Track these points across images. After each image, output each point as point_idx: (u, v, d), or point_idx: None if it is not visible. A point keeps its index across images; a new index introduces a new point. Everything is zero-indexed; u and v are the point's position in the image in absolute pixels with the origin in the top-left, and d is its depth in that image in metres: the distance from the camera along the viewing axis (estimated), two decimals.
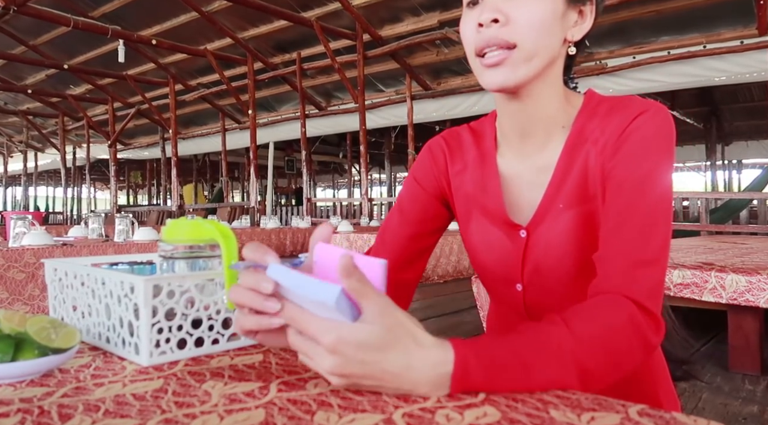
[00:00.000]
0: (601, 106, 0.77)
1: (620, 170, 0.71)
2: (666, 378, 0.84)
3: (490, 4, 0.71)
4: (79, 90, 13.44)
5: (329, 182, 25.01)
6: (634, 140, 0.71)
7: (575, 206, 0.76)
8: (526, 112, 0.77)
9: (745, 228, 7.09)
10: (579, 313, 0.60)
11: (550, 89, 0.77)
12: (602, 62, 7.82)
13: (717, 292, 2.54)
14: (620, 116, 0.73)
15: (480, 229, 0.84)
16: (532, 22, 0.70)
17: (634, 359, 0.62)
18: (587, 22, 0.76)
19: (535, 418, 0.47)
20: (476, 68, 0.74)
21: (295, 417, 0.48)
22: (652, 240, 0.66)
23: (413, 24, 8.83)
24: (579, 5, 0.75)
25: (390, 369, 0.51)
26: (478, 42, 0.71)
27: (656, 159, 0.70)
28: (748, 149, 14.42)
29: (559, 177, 0.77)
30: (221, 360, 0.67)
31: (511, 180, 0.82)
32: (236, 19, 9.63)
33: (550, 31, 0.71)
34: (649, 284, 0.65)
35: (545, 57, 0.72)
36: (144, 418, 0.48)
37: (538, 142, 0.80)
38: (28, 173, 19.20)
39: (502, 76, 0.71)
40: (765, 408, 2.18)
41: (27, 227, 3.32)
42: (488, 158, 0.84)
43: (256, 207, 10.77)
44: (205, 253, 0.73)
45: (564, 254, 0.77)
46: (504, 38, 0.70)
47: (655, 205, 0.68)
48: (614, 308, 0.62)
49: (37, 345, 0.60)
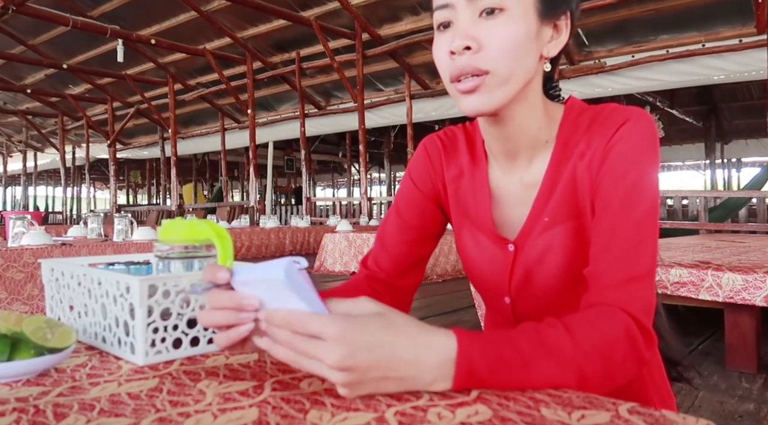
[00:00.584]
0: (582, 117, 0.77)
1: (607, 182, 0.71)
2: (661, 375, 0.85)
3: (461, 30, 0.69)
4: (78, 90, 13.44)
5: (329, 181, 25.01)
6: (618, 152, 0.71)
7: (563, 221, 0.76)
8: (509, 133, 0.77)
9: (744, 227, 7.09)
10: (579, 321, 0.60)
11: (530, 109, 0.76)
12: (601, 61, 7.82)
13: (713, 290, 2.54)
14: (603, 128, 0.73)
15: (471, 239, 0.84)
16: (505, 47, 0.68)
17: (627, 371, 0.62)
18: (563, 36, 0.75)
19: (526, 416, 0.48)
20: (453, 94, 0.72)
21: (288, 415, 0.49)
22: (643, 254, 0.67)
23: (412, 23, 8.83)
24: (553, 20, 0.73)
25: (397, 354, 0.51)
26: (452, 70, 0.70)
27: (641, 168, 0.70)
28: (747, 148, 14.43)
29: (546, 193, 0.77)
30: (216, 359, 0.68)
31: (500, 195, 0.82)
32: (235, 19, 9.63)
33: (524, 52, 0.70)
34: (643, 299, 0.65)
35: (521, 79, 0.71)
36: (138, 417, 0.49)
37: (523, 159, 0.80)
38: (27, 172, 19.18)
39: (478, 102, 0.70)
40: (761, 405, 2.18)
41: (26, 227, 3.32)
42: (479, 168, 0.84)
43: (256, 207, 10.77)
44: (200, 253, 0.73)
45: (552, 268, 0.77)
46: (476, 66, 0.68)
47: (644, 216, 0.68)
48: (612, 320, 0.62)
49: (33, 344, 0.60)
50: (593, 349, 0.58)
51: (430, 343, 0.52)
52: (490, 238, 0.82)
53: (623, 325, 0.62)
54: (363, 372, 0.50)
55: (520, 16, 0.69)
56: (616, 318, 0.62)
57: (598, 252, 0.68)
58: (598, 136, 0.73)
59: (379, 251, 0.90)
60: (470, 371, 0.52)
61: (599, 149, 0.72)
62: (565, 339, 0.58)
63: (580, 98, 0.83)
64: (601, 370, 0.59)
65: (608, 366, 0.60)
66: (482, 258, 0.83)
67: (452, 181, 0.87)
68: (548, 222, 0.77)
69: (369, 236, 6.07)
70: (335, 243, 6.28)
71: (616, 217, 0.68)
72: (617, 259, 0.66)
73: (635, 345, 0.62)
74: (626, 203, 0.68)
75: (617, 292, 0.65)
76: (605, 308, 0.64)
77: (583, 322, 0.60)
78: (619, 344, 0.61)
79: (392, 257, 0.88)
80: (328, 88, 11.24)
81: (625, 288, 0.65)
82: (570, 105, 0.80)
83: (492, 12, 0.68)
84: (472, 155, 0.85)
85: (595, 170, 0.73)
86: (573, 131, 0.77)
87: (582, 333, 0.59)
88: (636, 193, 0.69)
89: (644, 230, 0.68)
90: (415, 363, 0.51)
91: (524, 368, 0.54)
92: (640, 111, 0.73)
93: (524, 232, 0.79)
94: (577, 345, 0.58)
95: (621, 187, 0.69)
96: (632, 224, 0.68)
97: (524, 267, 0.79)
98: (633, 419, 0.47)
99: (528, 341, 0.56)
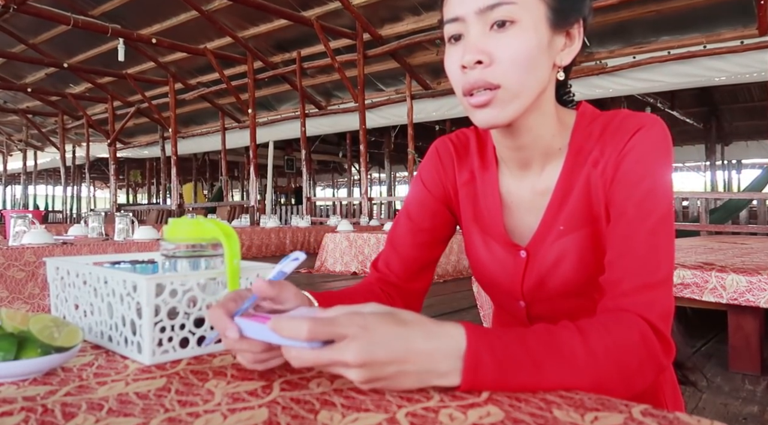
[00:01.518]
0: (594, 124, 0.76)
1: (622, 190, 0.70)
2: (671, 378, 0.84)
3: (473, 44, 0.68)
4: (78, 89, 13.45)
5: (329, 181, 25.03)
6: (632, 159, 0.70)
7: (577, 228, 0.76)
8: (522, 143, 0.76)
9: (745, 228, 7.09)
10: (593, 325, 0.60)
11: (544, 118, 0.75)
12: (602, 62, 7.82)
13: (717, 292, 2.54)
14: (617, 136, 0.72)
15: (482, 243, 0.84)
16: (516, 61, 0.67)
17: (644, 378, 0.61)
18: (576, 44, 0.74)
19: (538, 418, 0.47)
20: (466, 107, 0.72)
21: (298, 416, 0.48)
22: (659, 260, 0.66)
23: (413, 23, 8.84)
24: (566, 28, 0.72)
25: (413, 346, 0.51)
26: (464, 84, 0.69)
27: (655, 175, 0.69)
28: (747, 149, 14.45)
29: (559, 200, 0.77)
30: (224, 358, 0.67)
31: (511, 202, 0.82)
32: (236, 18, 9.63)
33: (535, 65, 0.69)
34: (660, 305, 0.64)
35: (534, 91, 0.70)
36: (147, 417, 0.48)
37: (536, 167, 0.79)
38: (27, 171, 19.20)
39: (491, 116, 0.69)
40: (765, 408, 2.18)
41: (27, 226, 3.32)
42: (489, 173, 0.84)
43: (256, 206, 10.77)
44: (207, 252, 0.73)
45: (566, 274, 0.77)
46: (487, 80, 0.67)
47: (659, 222, 0.67)
48: (628, 326, 0.61)
49: (40, 343, 0.60)
50: (607, 353, 0.58)
51: (442, 334, 0.52)
52: (502, 244, 0.82)
53: (639, 331, 0.61)
54: (381, 367, 0.50)
55: (531, 28, 0.68)
56: (632, 324, 0.62)
57: (614, 259, 0.68)
58: (611, 144, 0.73)
59: (390, 254, 0.89)
60: (478, 364, 0.52)
61: (612, 156, 0.72)
62: (577, 342, 0.57)
63: (581, 99, 0.83)
64: (617, 376, 0.58)
65: (624, 371, 0.59)
66: (493, 263, 0.83)
67: (464, 185, 0.86)
68: (563, 230, 0.76)
69: (370, 236, 6.07)
70: (336, 243, 6.28)
71: (632, 224, 0.68)
72: (633, 266, 0.66)
73: (652, 351, 0.62)
74: (641, 210, 0.68)
75: (634, 298, 0.64)
76: (621, 314, 0.63)
77: (597, 326, 0.60)
78: (635, 349, 0.60)
79: (403, 260, 0.88)
80: (329, 88, 11.24)
81: (642, 294, 0.64)
82: (582, 112, 0.79)
83: (503, 25, 0.67)
84: (483, 160, 0.85)
85: (609, 177, 0.72)
86: (586, 138, 0.76)
87: (595, 337, 0.58)
88: (650, 200, 0.68)
89: (660, 237, 0.67)
90: (430, 354, 0.51)
91: (535, 370, 0.53)
92: (654, 118, 0.72)
93: (537, 239, 0.79)
94: (590, 349, 0.57)
95: (635, 194, 0.69)
96: (647, 230, 0.67)
97: (537, 273, 0.79)
98: (647, 421, 0.46)
99: (539, 341, 0.56)
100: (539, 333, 0.57)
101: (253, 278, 0.76)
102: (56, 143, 15.48)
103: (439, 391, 0.53)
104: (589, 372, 0.56)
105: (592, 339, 0.58)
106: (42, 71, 12.62)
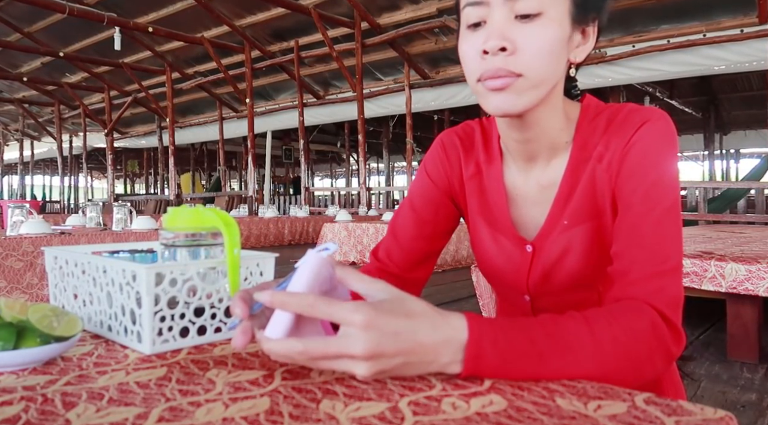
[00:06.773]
0: (599, 118, 0.76)
1: (628, 183, 0.70)
2: (673, 367, 0.84)
3: (497, 30, 0.67)
4: (75, 78, 13.37)
5: (327, 171, 24.99)
6: (637, 152, 0.70)
7: (582, 222, 0.76)
8: (530, 136, 0.76)
9: (743, 218, 7.11)
10: (601, 314, 0.59)
11: (553, 112, 0.75)
12: (602, 51, 7.78)
13: (716, 281, 2.54)
14: (621, 130, 0.73)
15: (488, 237, 0.84)
16: (541, 52, 0.67)
17: (654, 367, 0.61)
18: (590, 42, 0.74)
19: (541, 407, 0.47)
20: (479, 92, 0.70)
21: (300, 405, 0.48)
22: (667, 250, 0.66)
23: (412, 12, 8.78)
24: (583, 26, 0.72)
25: (420, 339, 0.51)
26: (483, 70, 0.68)
27: (661, 167, 0.69)
28: (746, 139, 14.44)
29: (565, 194, 0.77)
30: (224, 348, 0.67)
31: (516, 195, 0.82)
32: (233, 7, 9.56)
33: (557, 58, 0.69)
34: (669, 294, 0.64)
35: (550, 84, 0.70)
36: (149, 406, 0.48)
37: (541, 160, 0.79)
38: (24, 161, 19.12)
39: (506, 102, 0.69)
40: (763, 395, 2.19)
41: (25, 216, 3.31)
42: (494, 166, 0.84)
43: (254, 196, 10.76)
44: (206, 241, 0.72)
45: (571, 268, 0.77)
46: (510, 68, 0.67)
47: (665, 213, 0.67)
48: (637, 314, 0.61)
49: (39, 333, 0.59)
50: (616, 343, 0.57)
51: (447, 326, 0.52)
52: (509, 238, 0.82)
53: (649, 319, 0.61)
54: (389, 359, 0.50)
55: (556, 20, 0.67)
56: (641, 312, 0.61)
57: (622, 250, 0.68)
58: (616, 138, 0.73)
59: (392, 244, 0.89)
60: (479, 356, 0.52)
61: (618, 151, 0.72)
62: (584, 332, 0.57)
63: (581, 89, 0.83)
64: (627, 365, 0.58)
65: (632, 360, 0.59)
66: (499, 257, 0.83)
67: (470, 178, 0.86)
68: (567, 224, 0.77)
69: (368, 226, 6.07)
70: (335, 233, 6.29)
71: (638, 215, 0.68)
72: (641, 255, 0.66)
73: (662, 339, 0.61)
74: (648, 201, 0.68)
75: (643, 286, 0.64)
76: (630, 302, 0.63)
77: (605, 315, 0.60)
78: (645, 337, 0.60)
79: (405, 251, 0.88)
80: (327, 77, 11.18)
81: (651, 283, 0.64)
82: (586, 105, 0.79)
83: (529, 15, 0.67)
84: (488, 152, 0.85)
85: (615, 172, 0.72)
86: (590, 132, 0.76)
87: (602, 326, 0.58)
88: (657, 191, 0.68)
89: (667, 226, 0.67)
90: (434, 347, 0.51)
91: (539, 361, 0.53)
92: (659, 112, 0.73)
93: (543, 233, 0.79)
94: (598, 338, 0.57)
95: (642, 186, 0.69)
96: (654, 220, 0.67)
97: (542, 267, 0.79)
98: (650, 409, 0.46)
99: (545, 332, 0.56)
100: (545, 324, 0.57)
101: (254, 268, 0.76)
102: (53, 133, 15.43)
103: (441, 380, 0.53)
104: (597, 362, 0.56)
105: (599, 329, 0.57)
106: (38, 60, 12.53)
